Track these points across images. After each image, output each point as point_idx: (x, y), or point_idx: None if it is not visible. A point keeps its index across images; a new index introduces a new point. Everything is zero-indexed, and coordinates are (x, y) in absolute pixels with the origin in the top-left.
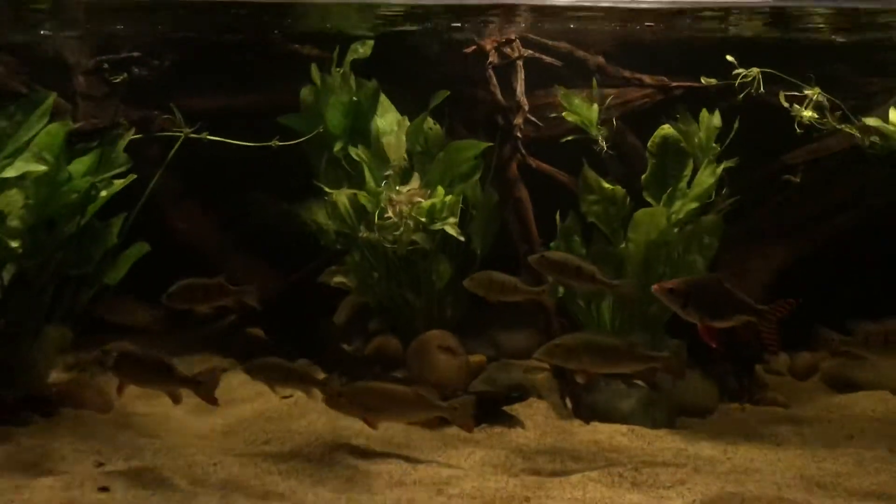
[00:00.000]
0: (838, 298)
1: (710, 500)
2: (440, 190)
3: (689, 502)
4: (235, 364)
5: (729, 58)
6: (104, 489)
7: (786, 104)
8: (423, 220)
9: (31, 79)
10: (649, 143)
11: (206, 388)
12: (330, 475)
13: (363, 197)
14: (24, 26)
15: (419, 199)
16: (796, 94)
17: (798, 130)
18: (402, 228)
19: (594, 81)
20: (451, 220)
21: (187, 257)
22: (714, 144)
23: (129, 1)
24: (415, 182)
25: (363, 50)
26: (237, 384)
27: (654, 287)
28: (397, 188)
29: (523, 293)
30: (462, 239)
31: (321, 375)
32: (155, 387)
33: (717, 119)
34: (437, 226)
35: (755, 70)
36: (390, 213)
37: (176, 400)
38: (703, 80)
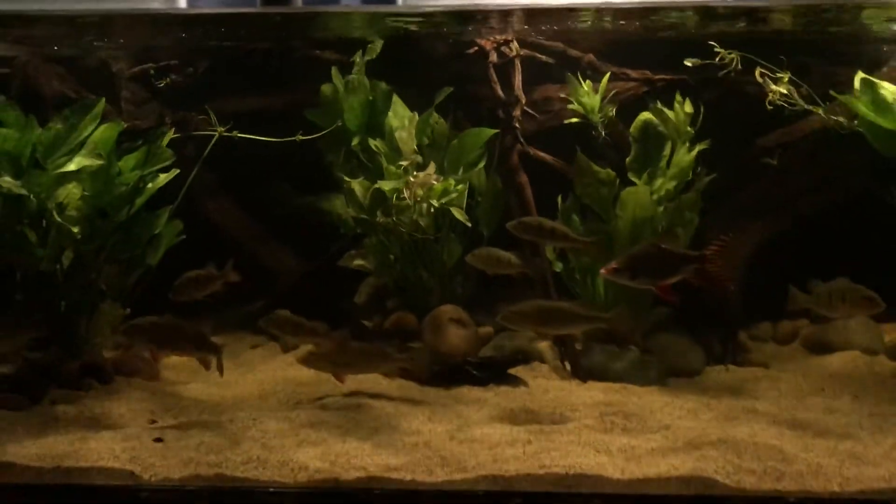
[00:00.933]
0: (813, 269)
1: (691, 440)
2: (451, 178)
3: (672, 442)
4: (266, 340)
5: (712, 43)
6: (158, 440)
7: (760, 80)
8: (435, 202)
9: (79, 86)
10: (632, 128)
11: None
12: (356, 427)
13: (384, 185)
14: (72, 40)
15: (433, 182)
16: (770, 74)
17: (769, 107)
18: (415, 210)
19: (605, 76)
20: (458, 202)
21: (223, 244)
22: (689, 129)
23: (165, 15)
24: (430, 168)
25: (374, 48)
26: (270, 357)
27: (602, 272)
28: (414, 173)
29: (519, 267)
30: (468, 223)
31: None
32: (175, 352)
33: (689, 105)
34: (446, 202)
35: (734, 53)
36: (406, 195)
37: (207, 365)
38: (687, 63)
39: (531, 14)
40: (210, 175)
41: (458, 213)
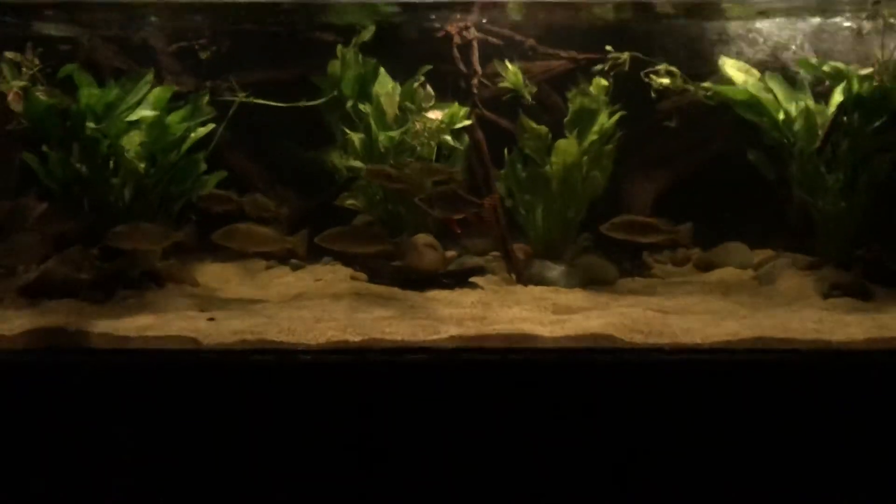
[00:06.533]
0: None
1: (601, 315)
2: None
3: (587, 318)
4: (276, 264)
5: (608, 47)
6: (211, 319)
7: (646, 79)
8: (450, 124)
9: (129, 60)
10: (569, 102)
11: None
12: (359, 311)
13: (387, 135)
14: (120, 21)
15: (439, 115)
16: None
17: (654, 94)
18: (430, 137)
19: (512, 66)
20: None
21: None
22: (604, 98)
23: (196, 3)
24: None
25: (367, 35)
26: (282, 274)
27: (416, 200)
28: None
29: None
30: (460, 146)
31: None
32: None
33: (603, 82)
34: (454, 127)
35: (626, 54)
36: (418, 128)
37: None
38: (608, 49)
39: (484, 7)
40: (232, 133)
41: (451, 140)
